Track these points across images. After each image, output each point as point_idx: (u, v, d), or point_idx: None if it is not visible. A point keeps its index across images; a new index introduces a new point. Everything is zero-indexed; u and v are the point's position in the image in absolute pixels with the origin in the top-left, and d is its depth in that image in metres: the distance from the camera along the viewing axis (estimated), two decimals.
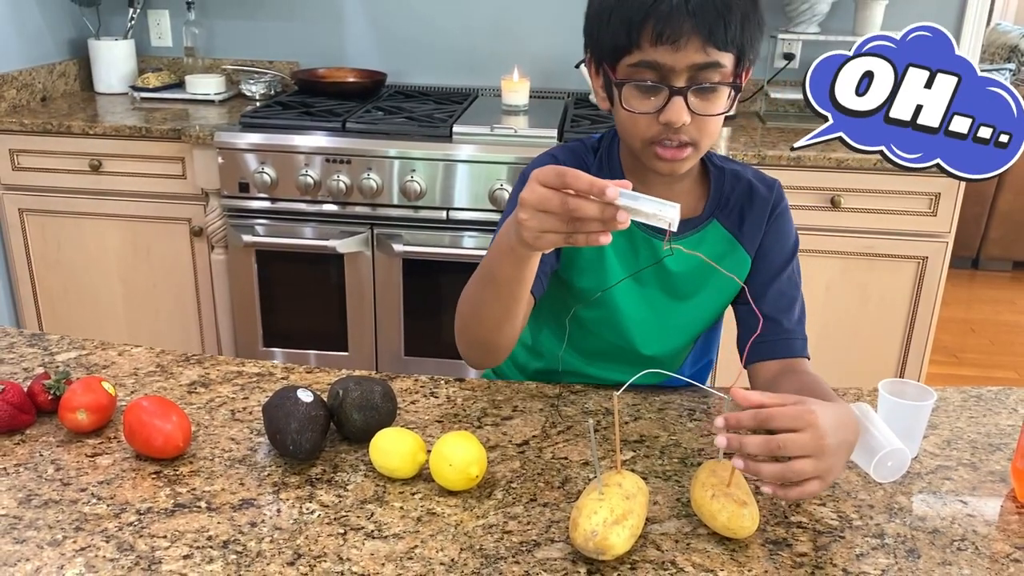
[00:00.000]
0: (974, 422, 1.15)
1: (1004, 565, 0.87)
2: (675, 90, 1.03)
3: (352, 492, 0.96)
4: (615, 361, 1.27)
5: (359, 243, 2.39)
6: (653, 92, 1.05)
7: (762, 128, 2.63)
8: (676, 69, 1.02)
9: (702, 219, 1.20)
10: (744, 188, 1.21)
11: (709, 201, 1.20)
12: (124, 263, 2.60)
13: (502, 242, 0.96)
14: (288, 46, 2.95)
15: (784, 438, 0.84)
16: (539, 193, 0.84)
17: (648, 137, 1.07)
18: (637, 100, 1.06)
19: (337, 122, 2.38)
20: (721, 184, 1.21)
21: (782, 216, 1.23)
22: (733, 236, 1.21)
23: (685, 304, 1.23)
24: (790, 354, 1.17)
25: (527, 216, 0.85)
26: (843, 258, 2.40)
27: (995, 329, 3.75)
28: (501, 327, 1.07)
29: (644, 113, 1.06)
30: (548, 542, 0.89)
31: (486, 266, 1.03)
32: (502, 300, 1.03)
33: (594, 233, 0.84)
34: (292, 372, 1.22)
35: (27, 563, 0.84)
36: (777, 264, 1.22)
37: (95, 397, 1.04)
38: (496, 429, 1.10)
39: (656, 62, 1.02)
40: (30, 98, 2.70)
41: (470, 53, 2.89)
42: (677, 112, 1.03)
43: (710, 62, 1.02)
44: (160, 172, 2.48)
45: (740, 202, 1.21)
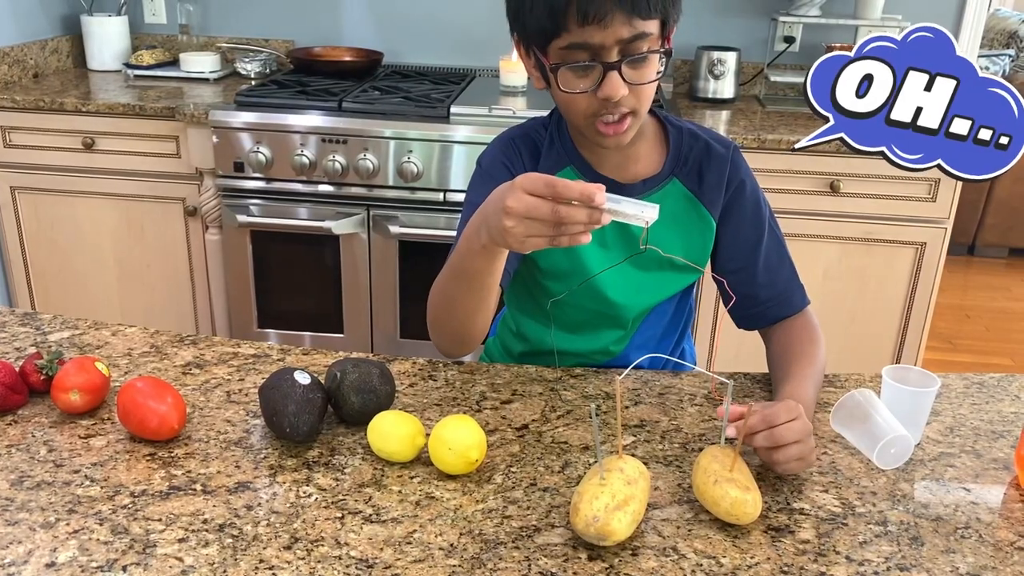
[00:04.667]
0: (977, 409, 1.15)
1: (1008, 553, 0.87)
2: (608, 65, 1.04)
3: (350, 475, 0.95)
4: (600, 328, 1.27)
5: (355, 224, 2.37)
6: (588, 71, 1.06)
7: (762, 112, 2.61)
8: (606, 45, 1.03)
9: (662, 177, 1.20)
10: (702, 146, 1.22)
11: (668, 160, 1.21)
12: (118, 242, 2.57)
13: (472, 239, 0.98)
14: (284, 24, 2.92)
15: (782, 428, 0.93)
16: (526, 202, 0.87)
17: (589, 113, 1.08)
18: (573, 81, 1.07)
19: (333, 102, 2.36)
20: (679, 143, 1.22)
21: (744, 184, 1.23)
22: (693, 194, 1.21)
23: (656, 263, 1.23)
24: (791, 311, 1.23)
25: (513, 224, 0.88)
26: (842, 243, 2.39)
27: (990, 316, 3.75)
28: (474, 318, 1.09)
29: (582, 92, 1.07)
30: (548, 527, 0.88)
31: (456, 261, 1.04)
32: (474, 292, 1.05)
33: (577, 234, 0.88)
34: (288, 354, 1.21)
35: (19, 546, 0.82)
36: (755, 233, 1.23)
37: (88, 377, 1.02)
38: (495, 413, 1.09)
39: (586, 42, 1.03)
40: (22, 74, 2.67)
41: (468, 33, 2.86)
42: (614, 86, 1.04)
43: (637, 33, 1.03)
44: (154, 151, 2.45)
45: (699, 160, 1.21)
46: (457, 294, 1.07)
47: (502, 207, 0.88)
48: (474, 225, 0.98)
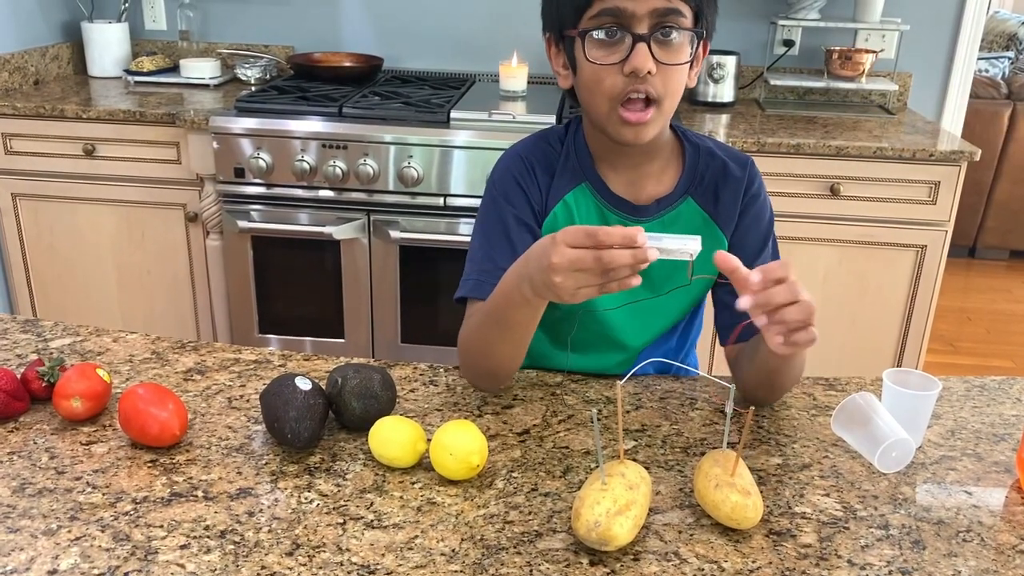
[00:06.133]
0: (978, 412, 1.15)
1: (1010, 556, 0.87)
2: (638, 36, 1.03)
3: (351, 481, 0.95)
4: (606, 351, 1.26)
5: (355, 229, 2.37)
6: (616, 43, 1.05)
7: (761, 115, 2.61)
8: (637, 15, 1.03)
9: (675, 196, 1.19)
10: (719, 166, 1.21)
11: (683, 178, 1.19)
12: (118, 249, 2.58)
13: (513, 293, 0.98)
14: (284, 30, 2.92)
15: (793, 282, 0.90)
16: (570, 256, 0.87)
17: (614, 94, 1.07)
18: (600, 51, 1.06)
19: (333, 107, 2.36)
20: (696, 161, 1.20)
21: (757, 196, 1.22)
22: (708, 214, 1.20)
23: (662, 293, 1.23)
24: None
25: (561, 279, 0.89)
26: (842, 246, 2.39)
27: (991, 318, 3.75)
28: (511, 361, 1.10)
29: (608, 64, 1.06)
30: (550, 532, 0.88)
31: (495, 311, 1.04)
32: (514, 340, 1.06)
33: (626, 279, 0.89)
34: (289, 359, 1.21)
35: (21, 553, 0.82)
36: (756, 246, 1.22)
37: (90, 384, 1.02)
38: (496, 418, 1.09)
39: (617, 7, 1.03)
40: (23, 81, 2.67)
41: (468, 38, 2.87)
42: (642, 59, 1.03)
43: (671, 7, 1.03)
44: (154, 157, 2.46)
45: (715, 180, 1.20)
46: (495, 340, 1.07)
47: (547, 264, 0.89)
48: (513, 278, 0.98)
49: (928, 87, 2.83)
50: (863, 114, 2.68)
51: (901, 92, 2.81)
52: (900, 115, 2.70)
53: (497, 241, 1.17)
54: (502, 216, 1.18)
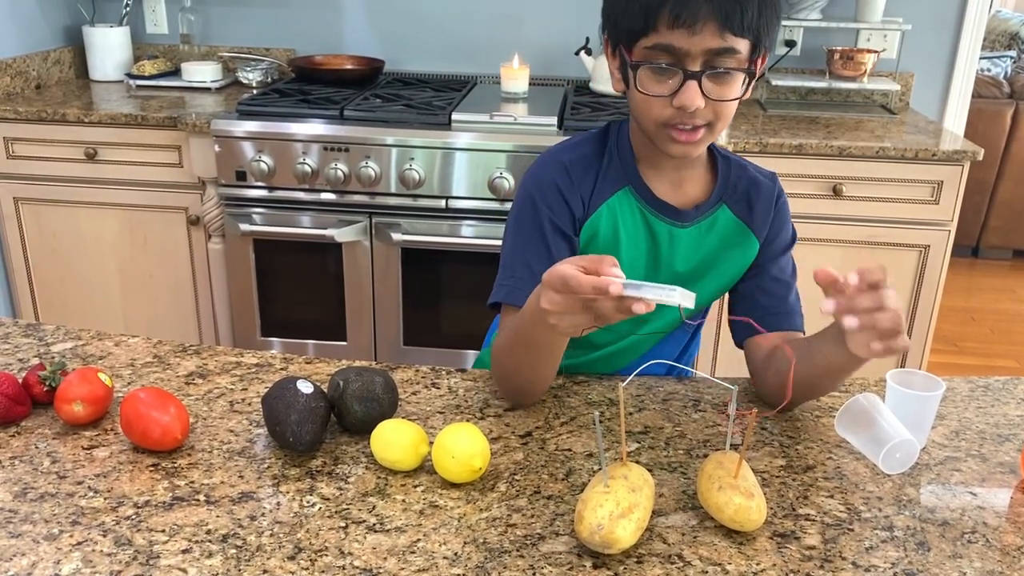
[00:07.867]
0: (982, 412, 1.14)
1: (1015, 558, 0.86)
2: (689, 74, 1.03)
3: (353, 485, 0.94)
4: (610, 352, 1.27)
5: (357, 232, 2.37)
6: (668, 75, 1.04)
7: (763, 116, 2.61)
8: (691, 53, 1.02)
9: (711, 203, 1.19)
10: (749, 177, 1.22)
11: (717, 187, 1.20)
12: (120, 252, 2.58)
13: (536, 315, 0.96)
14: (285, 33, 2.92)
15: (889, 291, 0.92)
16: (555, 300, 0.88)
17: (662, 120, 1.07)
18: (652, 83, 1.06)
19: (335, 110, 2.36)
20: (728, 172, 1.21)
21: (784, 207, 1.25)
22: (743, 221, 1.21)
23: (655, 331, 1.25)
24: (792, 326, 1.21)
25: (556, 320, 0.90)
26: (845, 247, 2.38)
27: (995, 318, 3.74)
28: (545, 378, 1.11)
29: (658, 96, 1.05)
30: (553, 535, 0.87)
31: (524, 333, 1.03)
32: (542, 359, 1.07)
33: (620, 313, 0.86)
34: (291, 363, 1.21)
35: (23, 558, 0.82)
36: (779, 249, 1.24)
37: (91, 388, 1.02)
38: (499, 420, 1.08)
39: (672, 45, 1.02)
40: (24, 86, 2.67)
41: (469, 40, 2.87)
42: (691, 96, 1.03)
43: (725, 47, 1.02)
44: (156, 160, 2.46)
45: (747, 190, 1.21)
46: (524, 358, 1.07)
47: (541, 307, 0.90)
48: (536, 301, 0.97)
49: (930, 87, 2.83)
50: (865, 114, 2.68)
51: (903, 92, 2.80)
52: (902, 115, 2.69)
53: (533, 246, 1.16)
54: (539, 220, 1.16)
